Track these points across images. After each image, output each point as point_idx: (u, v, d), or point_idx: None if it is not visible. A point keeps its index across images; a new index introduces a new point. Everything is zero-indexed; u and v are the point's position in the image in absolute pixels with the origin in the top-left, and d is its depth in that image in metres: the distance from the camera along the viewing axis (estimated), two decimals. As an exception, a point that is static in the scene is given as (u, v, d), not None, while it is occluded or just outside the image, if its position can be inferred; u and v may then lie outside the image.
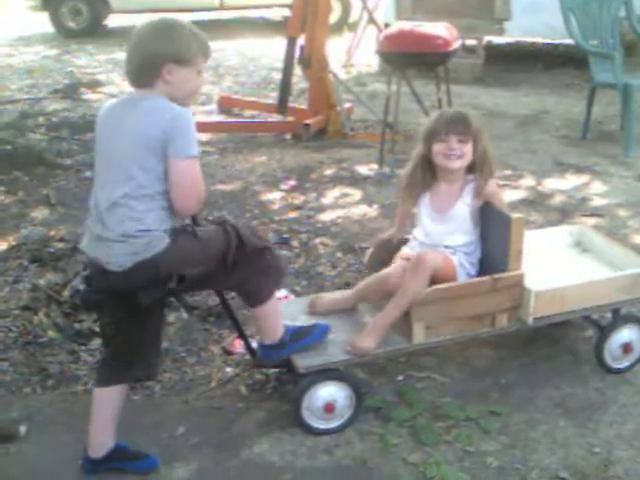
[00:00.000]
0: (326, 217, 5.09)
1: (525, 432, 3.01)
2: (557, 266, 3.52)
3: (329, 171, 6.00)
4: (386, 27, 7.14)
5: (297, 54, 6.72)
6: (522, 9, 8.80)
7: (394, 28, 6.19)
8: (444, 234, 3.21)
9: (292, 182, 5.76)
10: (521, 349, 3.54)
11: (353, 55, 10.05)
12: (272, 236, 4.67)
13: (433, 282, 3.03)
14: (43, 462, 2.88)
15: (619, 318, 3.37)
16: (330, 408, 2.96)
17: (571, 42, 6.90)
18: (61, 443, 2.96)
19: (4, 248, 4.50)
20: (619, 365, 3.36)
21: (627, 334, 3.34)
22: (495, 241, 3.17)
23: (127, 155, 2.52)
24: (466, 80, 8.62)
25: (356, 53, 10.06)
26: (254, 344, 3.13)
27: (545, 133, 6.98)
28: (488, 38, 9.77)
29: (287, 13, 11.19)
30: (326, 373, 2.95)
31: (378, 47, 6.29)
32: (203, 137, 6.57)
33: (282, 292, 3.72)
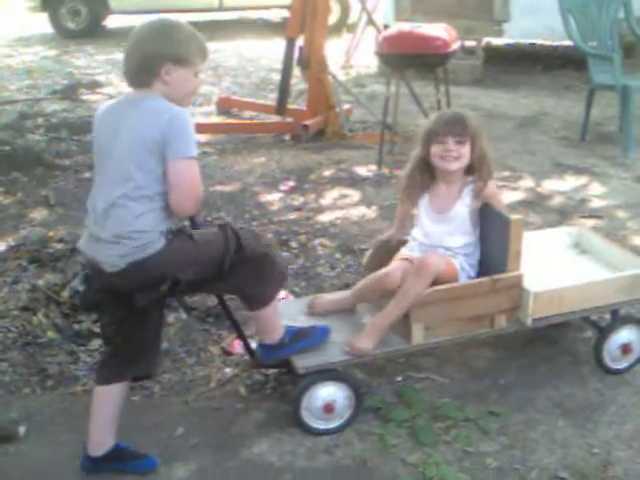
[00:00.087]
0: (325, 218, 5.09)
1: (524, 432, 3.02)
2: (556, 267, 3.53)
3: (328, 172, 6.00)
4: (385, 28, 7.15)
5: (296, 55, 6.72)
6: (521, 10, 8.80)
7: (393, 29, 6.19)
8: (443, 235, 3.21)
9: (291, 183, 5.76)
10: (520, 350, 3.54)
11: (352, 56, 10.05)
12: (272, 237, 4.68)
13: (434, 284, 3.04)
14: (42, 462, 2.88)
15: (618, 319, 3.38)
16: (329, 408, 2.96)
17: (570, 44, 6.92)
18: (60, 443, 2.96)
19: (3, 249, 4.50)
20: (618, 366, 3.37)
21: (626, 335, 3.34)
22: (494, 242, 3.17)
23: (126, 156, 2.52)
24: (465, 81, 8.64)
25: (355, 54, 10.07)
26: (253, 345, 3.13)
27: (544, 134, 6.99)
28: (487, 39, 9.78)
29: (286, 14, 11.20)
30: (325, 373, 2.96)
31: (377, 48, 6.29)
32: (202, 138, 6.57)
33: (281, 293, 3.72)
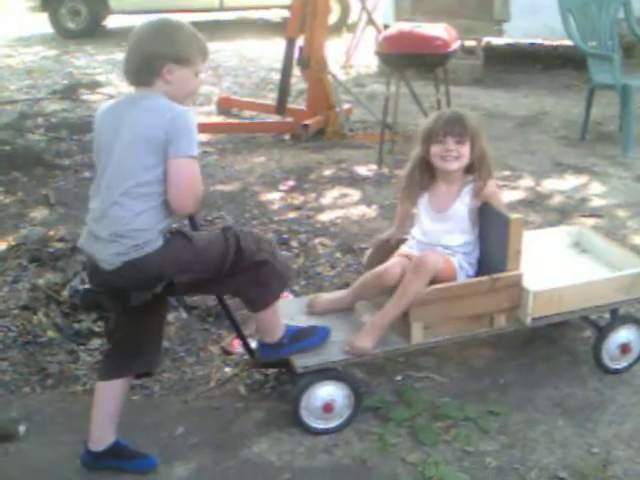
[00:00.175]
0: (325, 217, 5.09)
1: (524, 432, 3.02)
2: (556, 266, 3.53)
3: (328, 172, 6.00)
4: (385, 28, 7.15)
5: (296, 55, 6.72)
6: (521, 10, 8.79)
7: (393, 29, 6.19)
8: (442, 233, 3.22)
9: (291, 182, 5.76)
10: (519, 349, 3.54)
11: (352, 56, 10.05)
12: (272, 236, 4.68)
13: (433, 283, 3.04)
14: (42, 461, 2.88)
15: (617, 318, 3.38)
16: (329, 408, 2.96)
17: (570, 43, 6.91)
18: (60, 442, 2.97)
19: (3, 248, 4.49)
20: (617, 365, 3.37)
21: (625, 334, 3.34)
22: (494, 241, 3.18)
23: (126, 154, 2.52)
24: (465, 81, 8.64)
25: (355, 54, 10.07)
26: (253, 344, 3.13)
27: (544, 134, 6.99)
28: (487, 39, 9.78)
29: (286, 14, 11.20)
30: (324, 373, 2.96)
31: (377, 48, 6.29)
32: (202, 137, 6.57)
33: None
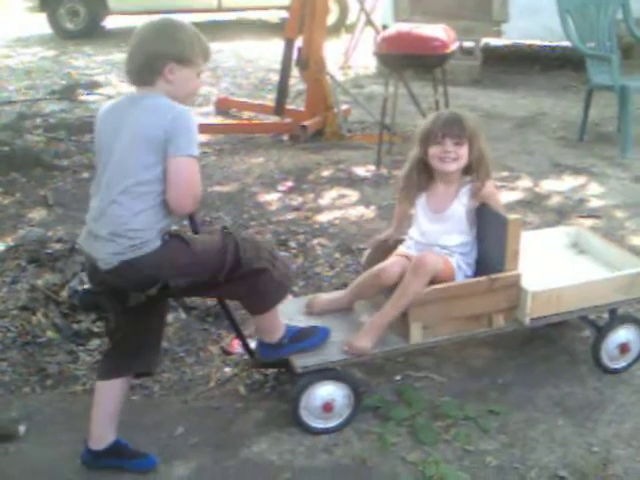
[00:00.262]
0: (324, 218, 5.10)
1: (524, 431, 3.02)
2: (554, 267, 3.53)
3: (326, 172, 6.01)
4: (384, 29, 7.15)
5: (295, 56, 6.73)
6: (520, 11, 8.81)
7: (392, 30, 6.21)
8: (440, 233, 3.22)
9: (289, 183, 5.77)
10: (518, 349, 3.55)
11: (350, 57, 10.06)
12: (270, 237, 4.69)
13: (431, 283, 3.04)
14: (42, 461, 2.88)
15: (616, 318, 3.38)
16: (328, 407, 2.97)
17: (568, 44, 6.92)
18: (60, 442, 2.97)
19: (2, 249, 4.49)
20: (616, 365, 3.37)
21: (624, 334, 3.34)
22: (492, 242, 3.18)
23: (126, 153, 2.53)
24: (463, 82, 8.64)
25: (354, 55, 10.07)
26: (252, 344, 3.14)
27: (542, 135, 6.99)
28: (486, 40, 9.79)
29: (285, 15, 11.20)
30: (324, 373, 2.96)
31: (376, 49, 6.28)
32: (200, 138, 6.52)
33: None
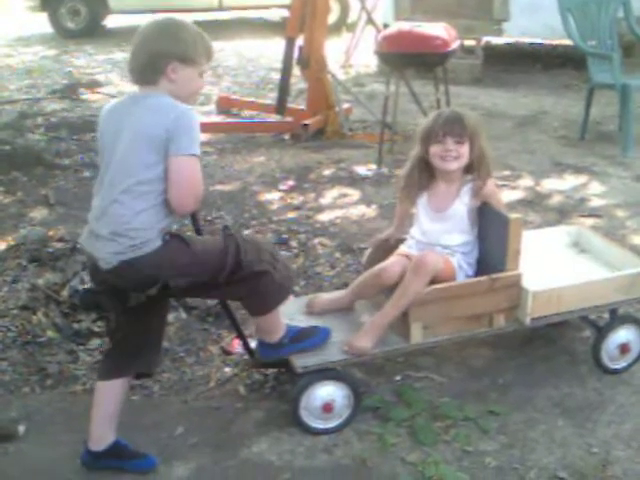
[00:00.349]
0: (325, 217, 5.09)
1: (523, 432, 3.02)
2: (555, 266, 3.53)
3: (328, 171, 6.00)
4: (385, 27, 7.15)
5: (296, 54, 6.72)
6: (521, 10, 8.80)
7: (393, 28, 6.20)
8: (441, 233, 3.22)
9: (291, 182, 5.77)
10: (518, 349, 3.54)
11: (352, 55, 10.05)
12: (271, 236, 4.69)
13: (432, 283, 3.04)
14: (42, 461, 2.88)
15: (616, 318, 3.38)
16: (328, 408, 2.97)
17: (569, 43, 6.91)
18: (60, 442, 2.97)
19: (3, 248, 4.49)
20: (616, 365, 3.37)
21: (624, 334, 3.34)
22: (493, 241, 3.18)
23: (128, 152, 2.53)
24: (465, 81, 8.63)
25: (355, 53, 10.06)
26: (253, 344, 3.14)
27: (543, 133, 6.98)
28: (487, 39, 9.78)
29: (286, 14, 11.20)
30: (324, 373, 2.96)
31: (377, 47, 6.28)
32: (202, 137, 6.53)
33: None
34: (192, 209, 2.65)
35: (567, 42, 7.36)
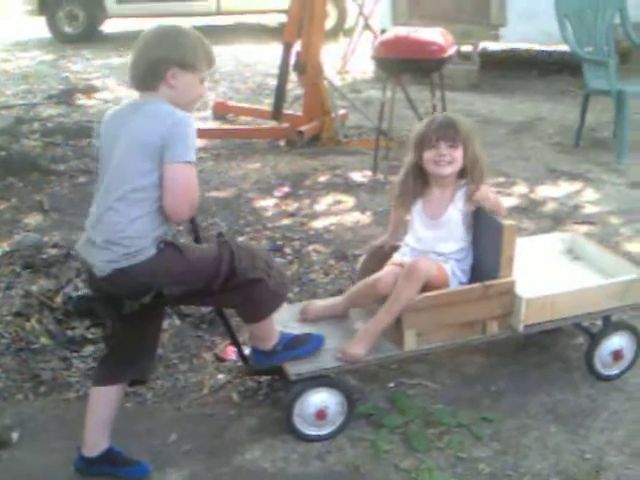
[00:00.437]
0: (319, 224, 5.10)
1: (517, 438, 3.02)
2: (548, 273, 3.53)
3: (323, 178, 6.01)
4: (382, 33, 7.15)
5: (292, 60, 6.73)
6: (518, 15, 8.82)
7: (390, 34, 6.22)
8: (436, 240, 3.22)
9: (286, 189, 5.77)
10: (512, 356, 3.55)
11: (348, 61, 10.05)
12: (265, 243, 4.69)
13: (425, 289, 3.04)
14: (35, 468, 2.88)
15: (610, 325, 3.38)
16: (322, 415, 2.97)
17: (566, 49, 6.91)
18: (53, 449, 2.97)
19: (-2, 254, 4.50)
20: (609, 372, 3.37)
21: (617, 341, 3.34)
22: (487, 248, 3.18)
23: (124, 159, 2.53)
24: (461, 86, 8.64)
25: (351, 59, 10.07)
26: (247, 351, 3.14)
27: (538, 140, 6.99)
28: (483, 44, 9.79)
29: (283, 19, 11.19)
30: (317, 380, 2.96)
31: (374, 53, 6.29)
32: (198, 143, 6.55)
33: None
34: (187, 217, 2.65)
35: (564, 48, 7.35)
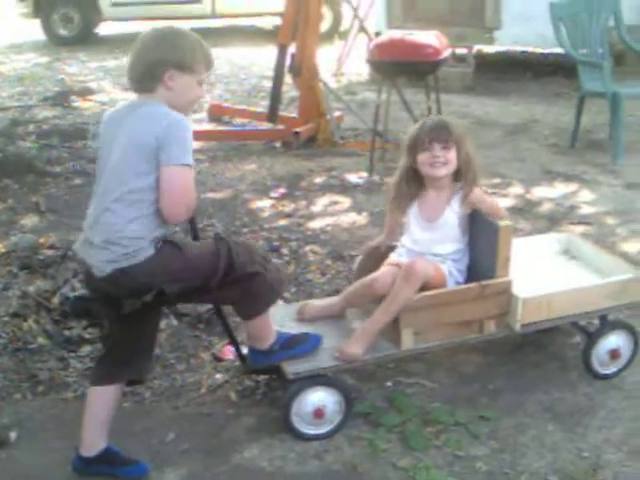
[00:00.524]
0: (316, 225, 5.11)
1: (514, 437, 3.03)
2: (545, 273, 3.54)
3: (319, 179, 6.02)
4: (377, 35, 7.17)
5: (288, 62, 6.74)
6: (512, 18, 8.84)
7: (384, 36, 6.23)
8: (432, 242, 3.22)
9: (282, 190, 5.77)
10: (509, 355, 3.55)
11: (343, 64, 10.07)
12: (262, 244, 4.69)
13: (423, 289, 3.05)
14: (33, 468, 2.88)
15: (607, 324, 3.39)
16: (319, 414, 2.97)
17: (561, 51, 6.94)
18: (51, 449, 2.97)
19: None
20: (606, 371, 3.38)
21: (614, 340, 3.35)
22: (483, 248, 3.19)
23: (121, 160, 2.53)
24: (456, 89, 8.65)
25: (347, 62, 10.08)
26: (244, 350, 3.14)
27: (534, 142, 7.01)
28: (478, 47, 9.81)
29: (278, 22, 11.20)
30: (315, 379, 2.96)
31: (369, 55, 6.30)
32: (193, 145, 6.56)
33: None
34: (184, 219, 2.65)
35: (558, 50, 7.37)
